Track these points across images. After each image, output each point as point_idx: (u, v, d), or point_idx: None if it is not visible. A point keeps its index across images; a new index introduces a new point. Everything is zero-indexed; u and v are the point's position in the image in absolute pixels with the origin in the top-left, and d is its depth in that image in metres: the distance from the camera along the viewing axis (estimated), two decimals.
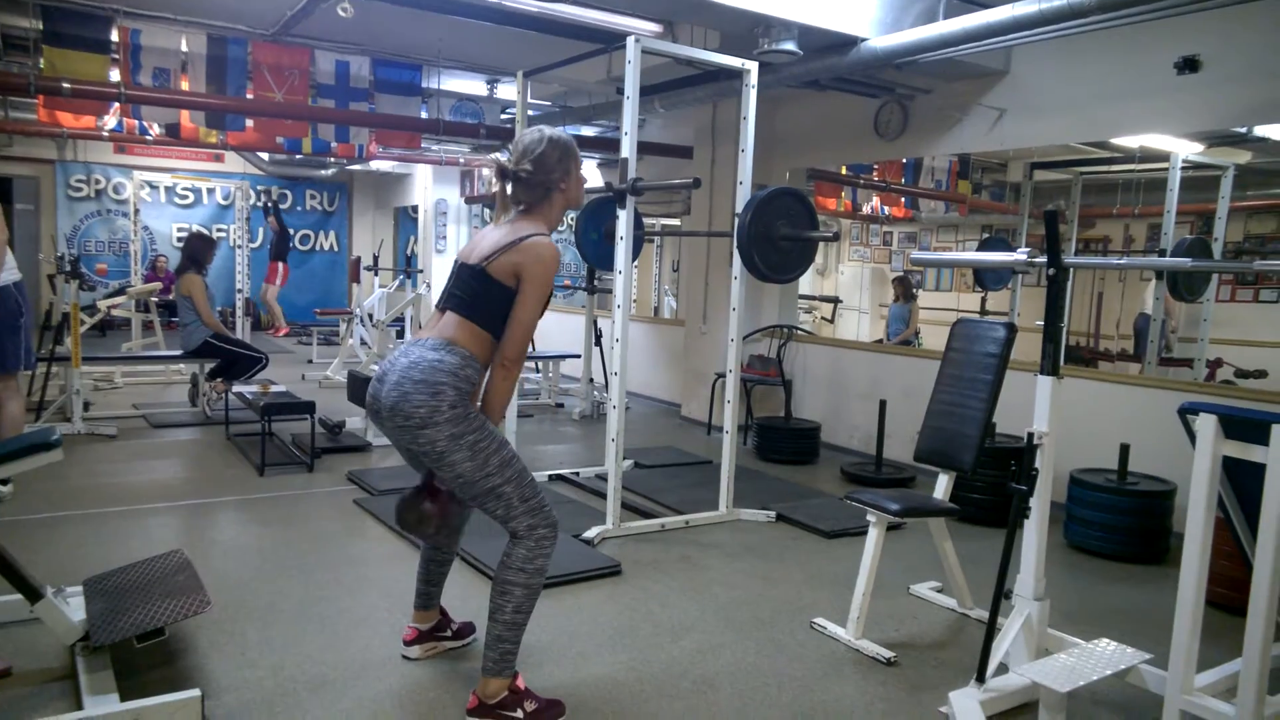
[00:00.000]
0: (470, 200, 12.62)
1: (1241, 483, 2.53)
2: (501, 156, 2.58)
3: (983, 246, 9.14)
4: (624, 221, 4.15)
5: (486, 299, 2.44)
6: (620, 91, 4.19)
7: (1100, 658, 2.59)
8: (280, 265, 12.76)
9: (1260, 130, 5.43)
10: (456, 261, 2.57)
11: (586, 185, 2.82)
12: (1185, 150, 5.89)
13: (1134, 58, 4.71)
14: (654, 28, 4.87)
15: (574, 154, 2.58)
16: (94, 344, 10.16)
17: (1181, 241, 6.39)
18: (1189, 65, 4.40)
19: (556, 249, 2.48)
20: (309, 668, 2.78)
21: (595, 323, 7.60)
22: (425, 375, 2.34)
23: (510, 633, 2.43)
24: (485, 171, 2.63)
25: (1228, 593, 3.34)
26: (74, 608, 2.72)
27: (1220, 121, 4.75)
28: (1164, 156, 6.08)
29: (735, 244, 4.41)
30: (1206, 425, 2.24)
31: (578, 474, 5.34)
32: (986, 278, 7.63)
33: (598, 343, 7.53)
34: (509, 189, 2.54)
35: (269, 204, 12.97)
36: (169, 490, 4.78)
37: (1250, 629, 2.17)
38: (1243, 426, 2.21)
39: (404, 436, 2.39)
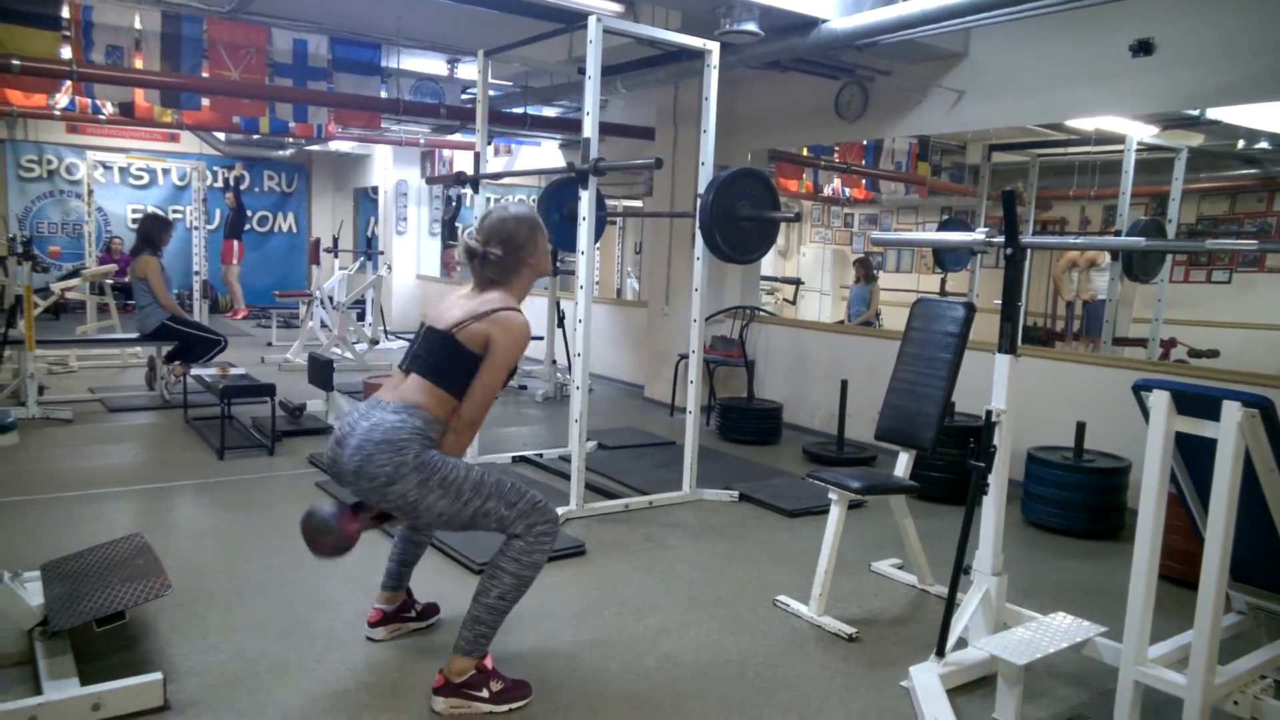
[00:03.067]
0: (431, 181, 12.48)
1: (1193, 459, 2.59)
2: (468, 239, 2.56)
3: (942, 228, 9.25)
4: (586, 202, 4.13)
5: (452, 364, 2.45)
6: (582, 72, 4.16)
7: (1057, 631, 2.64)
8: (235, 243, 12.54)
9: (1212, 113, 5.54)
10: (423, 325, 2.58)
11: (548, 165, 2.82)
12: (1140, 133, 6.00)
13: (1090, 40, 4.77)
14: (616, 7, 4.84)
15: (539, 226, 2.63)
16: (48, 327, 9.88)
17: (1136, 223, 6.52)
18: (1143, 48, 4.45)
19: (528, 323, 2.52)
20: (272, 650, 2.75)
21: (558, 304, 7.58)
22: (387, 436, 2.34)
23: (490, 616, 2.43)
24: (456, 255, 2.57)
25: (1180, 567, 3.42)
26: (31, 593, 2.67)
27: (1174, 104, 4.83)
28: (1119, 139, 6.18)
29: (697, 224, 4.41)
30: (1159, 401, 2.29)
31: (541, 455, 5.33)
32: (946, 259, 7.71)
33: (560, 324, 7.50)
34: (479, 268, 2.55)
35: (231, 180, 12.74)
36: (127, 474, 4.69)
37: (1201, 601, 2.22)
38: (1195, 402, 2.26)
39: (372, 496, 2.39)
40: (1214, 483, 2.19)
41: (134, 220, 12.54)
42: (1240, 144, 7.57)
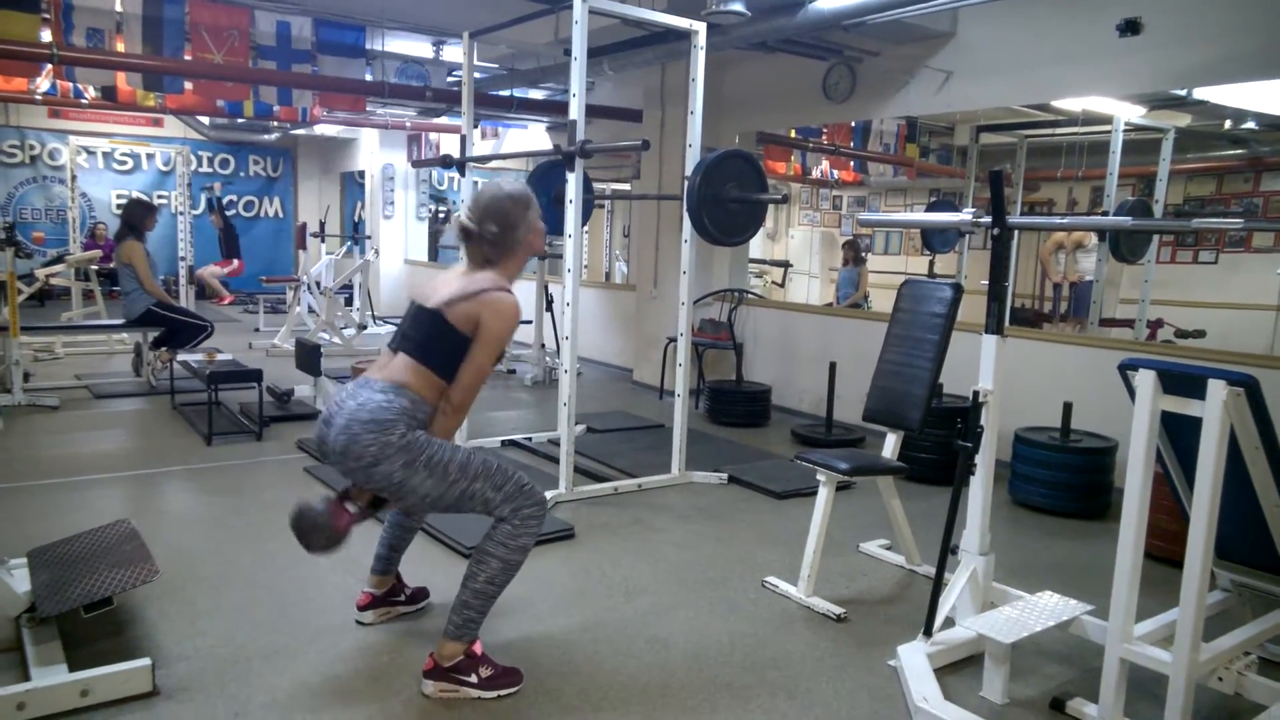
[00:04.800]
0: (418, 164, 12.39)
1: (1179, 437, 2.61)
2: (462, 218, 2.52)
3: (930, 209, 9.23)
4: (573, 184, 4.11)
5: (441, 344, 2.42)
6: (568, 53, 4.12)
7: (1043, 610, 2.66)
8: (236, 261, 12.38)
9: (1199, 93, 5.54)
10: (412, 303, 2.55)
11: (535, 148, 2.80)
12: (1127, 113, 5.99)
13: (1077, 20, 4.76)
14: None
15: (533, 204, 2.59)
16: (33, 314, 9.78)
17: (1124, 204, 6.52)
18: (1131, 27, 4.46)
19: (518, 304, 2.48)
20: (261, 635, 2.75)
21: (546, 288, 7.55)
22: (373, 415, 2.32)
23: (478, 601, 2.43)
24: (449, 232, 2.52)
25: (1166, 545, 3.45)
26: (18, 579, 2.66)
27: (1161, 83, 4.83)
28: (1107, 120, 6.18)
29: (685, 207, 4.39)
30: (1145, 380, 2.29)
31: (530, 439, 5.32)
32: (934, 241, 7.71)
33: (548, 308, 7.48)
34: (473, 248, 2.53)
35: (212, 200, 12.44)
36: (114, 461, 4.67)
37: (1186, 579, 2.24)
38: (1180, 381, 2.27)
39: (358, 476, 2.38)
40: (1199, 461, 2.20)
41: (119, 205, 12.41)
42: (1227, 124, 7.58)
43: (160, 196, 12.77)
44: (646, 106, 7.45)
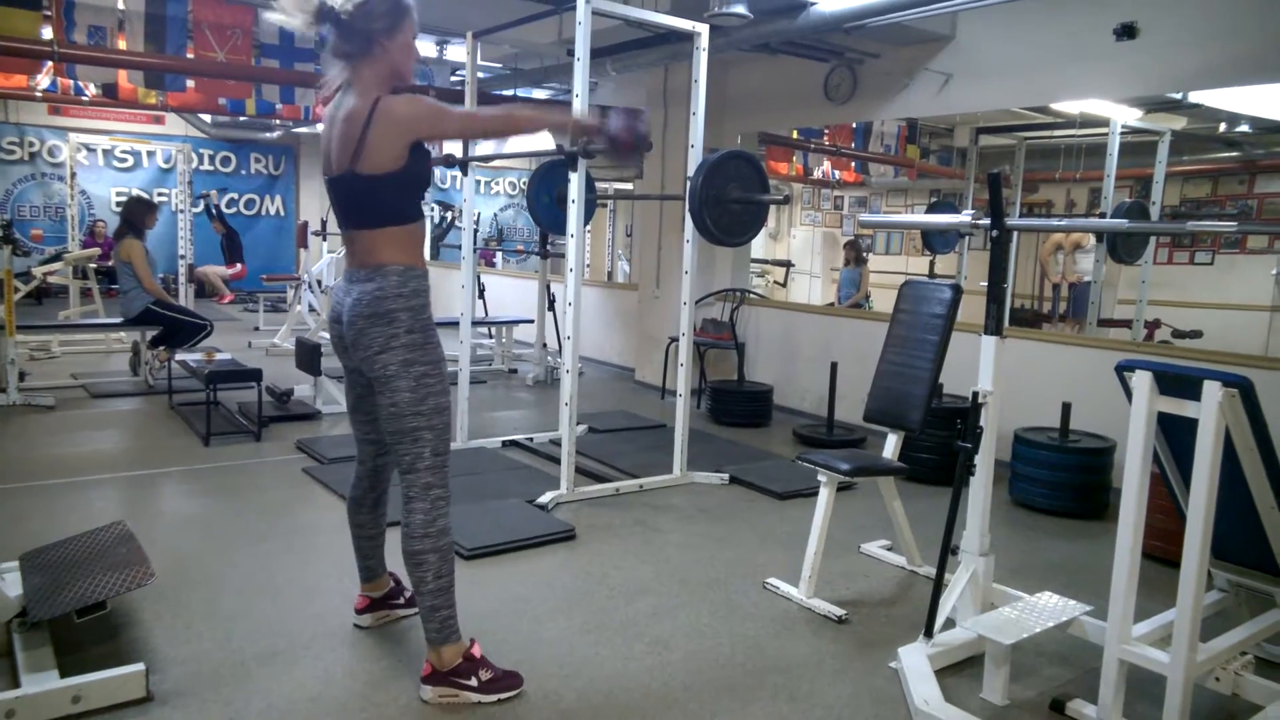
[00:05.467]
0: None
1: (1175, 438, 2.61)
2: None
3: (930, 211, 9.25)
4: (576, 185, 4.11)
5: (376, 198, 2.33)
6: (571, 54, 4.12)
7: (1043, 610, 2.66)
8: (239, 265, 12.36)
9: (1194, 96, 5.57)
10: (325, 179, 2.44)
11: (537, 148, 2.78)
12: (1124, 116, 6.01)
13: (1075, 24, 4.78)
14: None
15: (406, 14, 2.37)
16: (30, 312, 9.79)
17: (1121, 205, 6.54)
18: (1127, 32, 4.49)
19: (408, 96, 2.33)
20: (257, 639, 2.75)
21: (548, 288, 7.55)
22: (374, 308, 2.34)
23: (441, 599, 2.41)
24: (277, 18, 2.25)
25: (1164, 545, 3.45)
26: (9, 583, 2.64)
27: (1157, 87, 4.86)
28: (1104, 122, 6.20)
29: (688, 207, 4.39)
30: (1142, 382, 2.30)
31: (531, 439, 5.32)
32: (935, 241, 7.72)
33: (550, 308, 7.48)
34: (329, 40, 2.34)
35: (211, 207, 12.39)
36: (110, 461, 4.67)
37: (1183, 580, 2.24)
38: (1176, 382, 2.27)
39: (364, 364, 2.40)
40: (1195, 463, 2.20)
41: (118, 203, 12.37)
42: (1222, 127, 7.60)
43: (160, 194, 12.78)
44: (649, 106, 7.44)
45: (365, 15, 2.31)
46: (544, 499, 4.12)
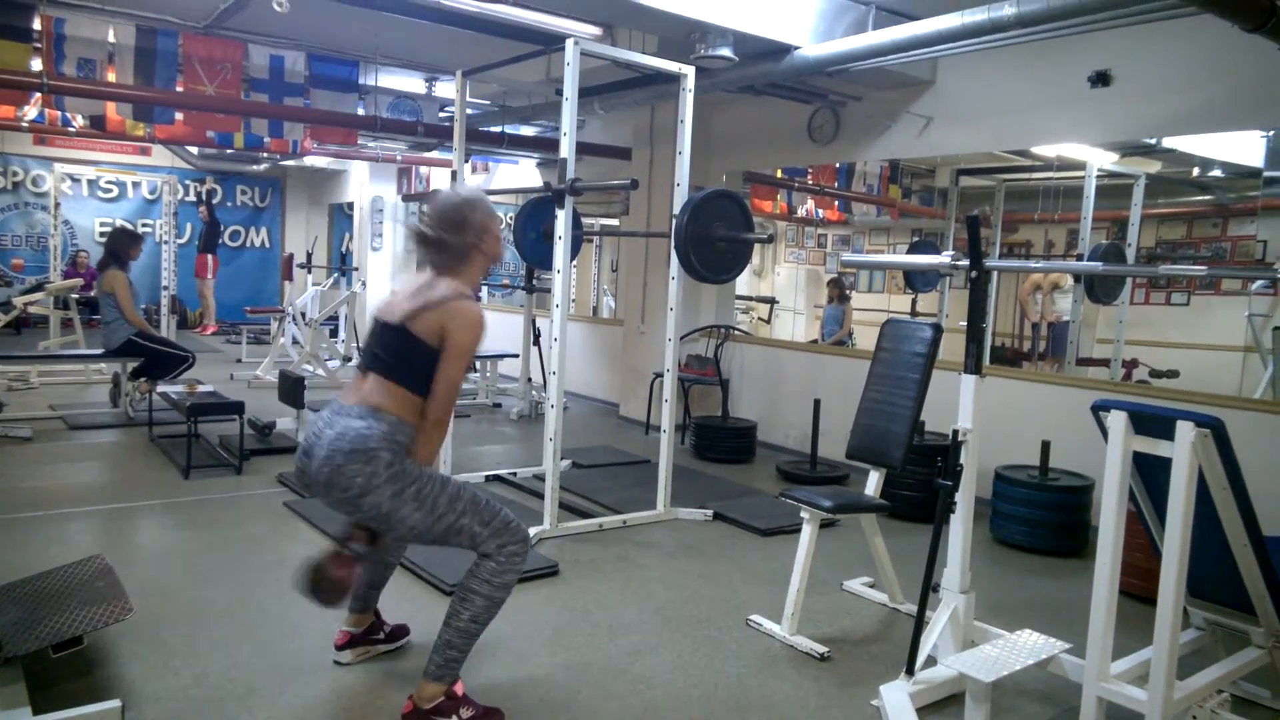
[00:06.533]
0: (408, 198, 12.45)
1: (1151, 477, 2.65)
2: (418, 222, 2.46)
3: (912, 250, 9.37)
4: (562, 221, 4.15)
5: (410, 359, 2.39)
6: (559, 93, 4.19)
7: (1023, 648, 2.68)
8: (209, 258, 12.42)
9: (1169, 141, 5.70)
10: (376, 320, 2.52)
11: (525, 184, 2.82)
12: (1100, 159, 6.15)
13: (1051, 71, 4.91)
14: (593, 30, 4.88)
15: (489, 211, 2.55)
16: (9, 342, 9.76)
17: (1097, 247, 6.65)
18: (1101, 79, 4.65)
19: (482, 313, 2.45)
20: (236, 675, 2.72)
21: (534, 322, 7.58)
22: (355, 445, 2.30)
23: (461, 640, 2.41)
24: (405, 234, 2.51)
25: (1141, 583, 3.47)
26: None
27: (1131, 133, 4.99)
28: (1080, 165, 6.33)
29: (673, 245, 4.44)
30: (1117, 422, 2.34)
31: (515, 474, 5.32)
32: (916, 280, 7.81)
33: (536, 342, 7.50)
34: (429, 254, 2.49)
35: (203, 194, 12.62)
36: (89, 494, 4.62)
37: (1160, 619, 2.27)
38: (1151, 422, 2.32)
39: (345, 507, 2.37)
40: (1169, 501, 2.25)
41: (102, 234, 12.38)
42: (1195, 171, 7.76)
43: (145, 225, 12.77)
44: (636, 145, 7.55)
45: (461, 233, 2.46)
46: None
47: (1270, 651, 2.69)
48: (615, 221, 11.29)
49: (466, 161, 6.96)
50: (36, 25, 5.43)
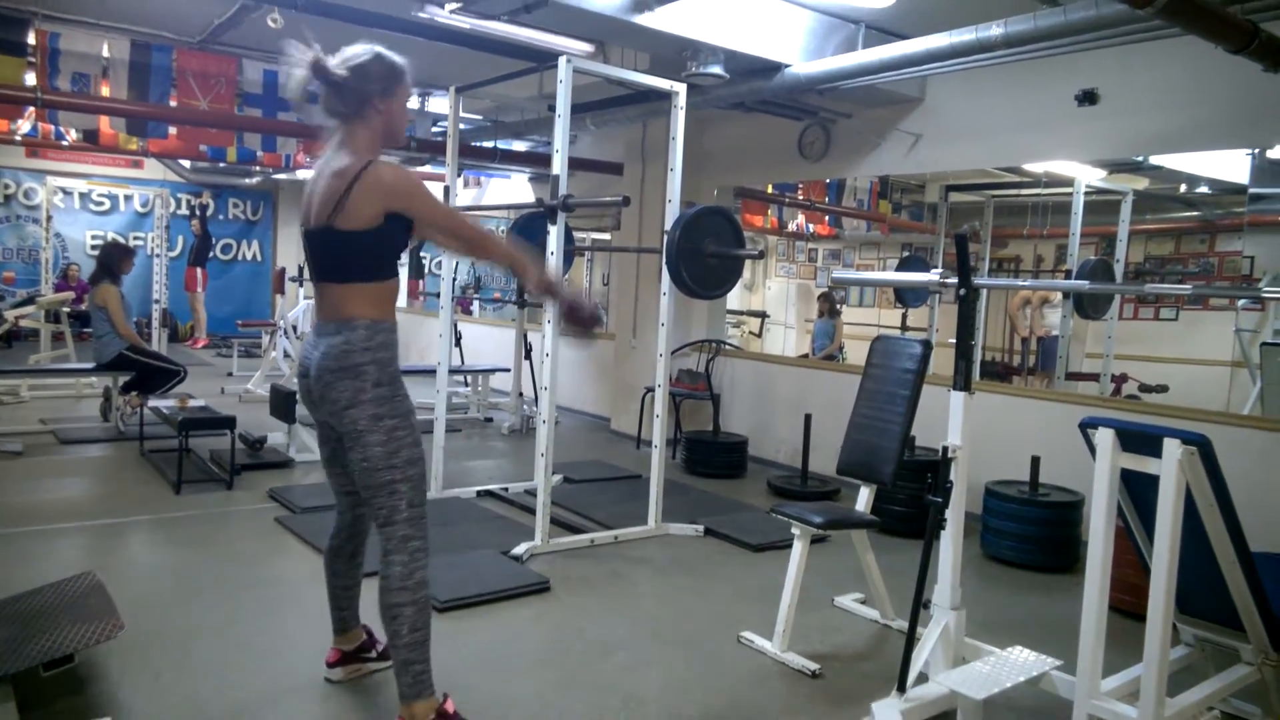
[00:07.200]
0: None
1: (1139, 494, 2.67)
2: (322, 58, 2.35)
3: (902, 265, 9.43)
4: (554, 237, 4.17)
5: (350, 254, 2.34)
6: (552, 109, 4.22)
7: (1014, 665, 2.69)
8: (199, 271, 12.41)
9: (1156, 159, 5.77)
10: (303, 230, 2.45)
11: (518, 199, 2.83)
12: (1088, 176, 6.20)
13: (1039, 90, 4.97)
14: (586, 48, 4.92)
15: (401, 78, 2.43)
16: None
17: (1086, 263, 6.71)
18: (1088, 98, 4.71)
19: (398, 166, 2.38)
20: (227, 693, 2.71)
21: (525, 336, 7.59)
22: (340, 362, 2.35)
23: (415, 653, 2.38)
24: (297, 73, 2.37)
25: (1132, 599, 3.49)
26: None
27: (1118, 151, 5.05)
28: (1069, 182, 6.38)
29: (665, 261, 4.47)
30: (1105, 439, 2.36)
31: (506, 489, 5.31)
32: (907, 295, 7.87)
33: (527, 356, 7.51)
34: (322, 96, 2.37)
35: (195, 207, 12.63)
36: (79, 509, 4.60)
37: (1149, 636, 2.29)
38: (1138, 439, 2.34)
39: (333, 419, 2.41)
40: (1157, 519, 2.26)
41: (93, 247, 12.36)
42: (1183, 188, 7.84)
43: (136, 238, 12.74)
44: (628, 160, 7.59)
45: (361, 77, 2.38)
46: (518, 550, 4.11)
47: (1260, 668, 2.70)
48: (607, 236, 11.32)
49: (459, 176, 7.00)
50: (31, 40, 5.44)
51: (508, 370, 7.91)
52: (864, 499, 3.46)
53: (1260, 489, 3.62)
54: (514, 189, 11.02)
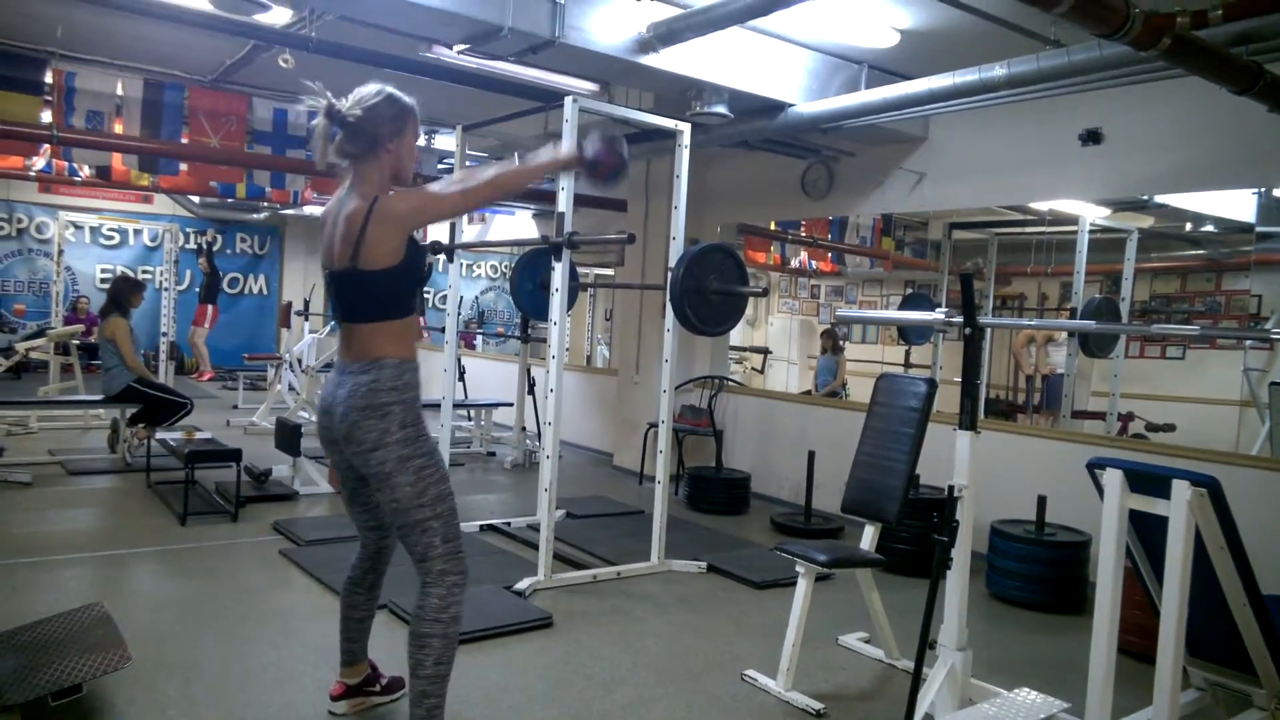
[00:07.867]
0: None
1: (1148, 535, 2.66)
2: (334, 101, 2.41)
3: (906, 302, 9.46)
4: (559, 274, 4.21)
5: (374, 292, 2.40)
6: None
7: (1021, 707, 2.66)
8: (209, 308, 12.48)
9: (1160, 198, 5.81)
10: (325, 271, 2.51)
11: (522, 234, 2.86)
12: (1092, 214, 6.24)
13: (1042, 129, 5.01)
14: (591, 87, 4.99)
15: (411, 118, 2.49)
16: (9, 387, 9.75)
17: (1090, 301, 6.73)
18: (1092, 137, 4.74)
19: (403, 192, 2.42)
20: None
21: (528, 371, 7.60)
22: (368, 400, 2.36)
23: (434, 686, 2.39)
24: (318, 123, 2.46)
25: (1141, 641, 3.45)
26: None
27: (1122, 190, 5.08)
28: (1073, 220, 6.42)
29: (668, 298, 4.49)
30: (1113, 481, 2.36)
31: (509, 524, 5.30)
32: (910, 332, 7.89)
33: (530, 391, 7.52)
34: (336, 138, 2.43)
35: (202, 244, 12.74)
36: (87, 540, 4.60)
37: (1159, 680, 2.27)
38: (1146, 481, 2.34)
39: (357, 459, 2.42)
40: (1167, 561, 2.25)
41: (103, 280, 12.46)
42: (1188, 226, 7.88)
43: (145, 272, 12.84)
44: (632, 197, 7.65)
45: (372, 119, 2.43)
46: (521, 585, 4.09)
47: (1273, 714, 2.67)
48: (610, 271, 11.38)
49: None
50: (48, 78, 5.54)
51: (511, 405, 7.91)
52: (869, 537, 3.45)
53: (1271, 531, 3.59)
54: (518, 225, 11.11)
